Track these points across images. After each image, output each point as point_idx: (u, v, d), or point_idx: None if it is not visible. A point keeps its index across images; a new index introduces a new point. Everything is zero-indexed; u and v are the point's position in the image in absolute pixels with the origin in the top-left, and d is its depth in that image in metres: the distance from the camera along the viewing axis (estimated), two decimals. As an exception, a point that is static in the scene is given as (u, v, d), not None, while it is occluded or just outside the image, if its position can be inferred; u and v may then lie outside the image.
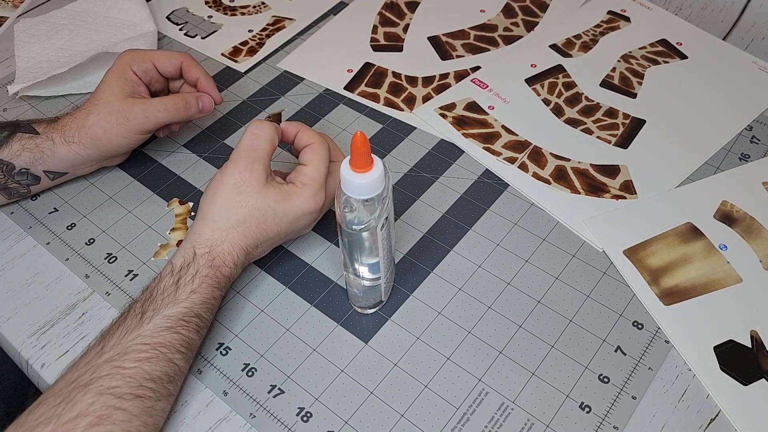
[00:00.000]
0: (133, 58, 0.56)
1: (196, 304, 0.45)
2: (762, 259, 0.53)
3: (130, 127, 0.54)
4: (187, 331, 0.44)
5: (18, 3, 0.79)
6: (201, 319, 0.46)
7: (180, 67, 0.58)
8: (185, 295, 0.45)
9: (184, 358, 0.44)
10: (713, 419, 0.46)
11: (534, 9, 0.78)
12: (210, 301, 0.46)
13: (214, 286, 0.46)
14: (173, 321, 0.44)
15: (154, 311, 0.44)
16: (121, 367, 0.41)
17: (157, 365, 0.42)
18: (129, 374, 0.41)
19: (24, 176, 0.55)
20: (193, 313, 0.45)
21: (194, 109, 0.56)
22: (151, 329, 0.43)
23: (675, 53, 0.71)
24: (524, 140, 0.63)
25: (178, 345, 0.44)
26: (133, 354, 0.42)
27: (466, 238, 0.56)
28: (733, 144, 0.62)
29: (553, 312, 0.51)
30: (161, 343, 0.43)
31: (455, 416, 0.46)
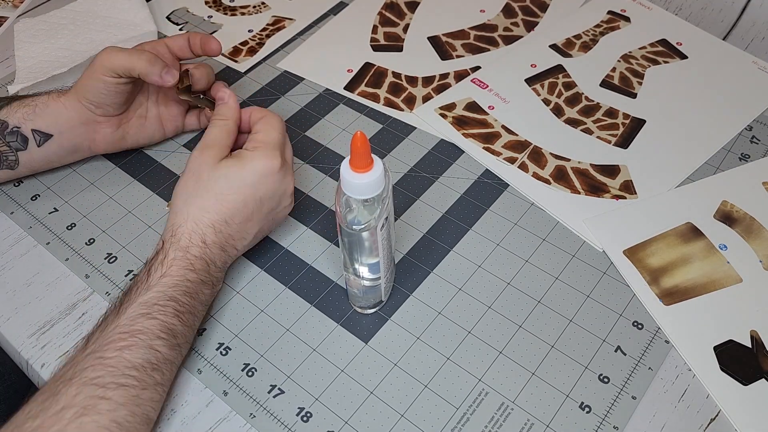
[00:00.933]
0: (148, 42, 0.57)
1: (168, 287, 0.45)
2: (762, 259, 0.53)
3: (95, 65, 0.53)
4: (164, 316, 0.44)
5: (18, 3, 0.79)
6: (178, 303, 0.45)
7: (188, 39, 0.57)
8: (155, 280, 0.45)
9: (166, 344, 0.44)
10: (713, 419, 0.46)
11: (534, 9, 0.78)
12: (184, 283, 0.46)
13: (186, 268, 0.46)
14: (148, 307, 0.44)
15: (129, 301, 0.45)
16: (103, 357, 0.41)
17: (137, 352, 0.42)
18: (110, 363, 0.41)
19: (14, 137, 0.54)
20: (167, 296, 0.45)
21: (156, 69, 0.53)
22: (128, 317, 0.43)
23: (675, 53, 0.71)
24: (524, 140, 0.63)
25: (157, 330, 0.43)
26: (112, 344, 0.42)
27: (466, 238, 0.56)
28: (733, 144, 0.62)
29: (553, 312, 0.51)
30: (139, 330, 0.43)
31: (455, 416, 0.46)
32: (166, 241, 0.47)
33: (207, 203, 0.48)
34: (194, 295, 0.47)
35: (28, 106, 0.55)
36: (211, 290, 0.49)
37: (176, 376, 0.47)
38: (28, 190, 0.60)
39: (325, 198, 0.59)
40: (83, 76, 0.54)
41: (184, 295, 0.46)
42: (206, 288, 0.48)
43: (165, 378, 0.44)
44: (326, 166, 0.62)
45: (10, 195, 0.60)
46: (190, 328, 0.47)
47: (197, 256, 0.47)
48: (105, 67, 0.53)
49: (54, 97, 0.55)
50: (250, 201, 0.49)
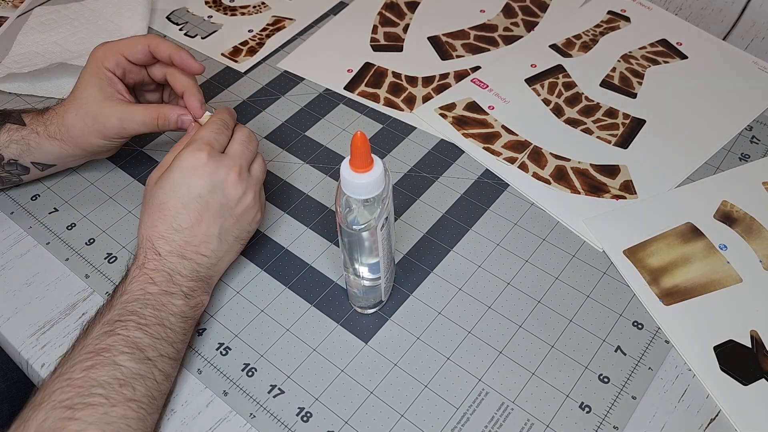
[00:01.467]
0: (103, 53, 0.54)
1: (128, 303, 0.45)
2: (762, 259, 0.53)
3: (107, 133, 0.54)
4: (125, 331, 0.43)
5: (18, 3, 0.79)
6: (139, 316, 0.44)
7: (149, 51, 0.54)
8: (116, 299, 0.46)
9: (132, 358, 0.43)
10: (713, 419, 0.46)
11: (534, 9, 0.78)
12: (144, 296, 0.45)
13: (145, 282, 0.46)
14: (110, 324, 0.44)
15: (94, 323, 0.45)
16: (70, 378, 0.41)
17: (102, 370, 0.41)
18: (77, 384, 0.41)
19: (13, 167, 0.55)
20: (127, 311, 0.45)
21: (172, 125, 0.54)
22: (92, 338, 0.43)
23: (675, 53, 0.71)
24: (524, 140, 0.63)
25: (120, 346, 0.43)
26: (79, 364, 0.42)
27: (466, 238, 0.56)
28: (733, 144, 0.62)
29: (553, 312, 0.51)
30: (103, 348, 0.42)
31: (455, 416, 0.46)
32: (130, 264, 0.48)
33: (152, 219, 0.48)
34: (159, 307, 0.46)
35: (20, 143, 0.54)
36: (184, 301, 0.47)
37: (176, 376, 0.47)
38: (28, 190, 0.60)
39: (325, 198, 0.59)
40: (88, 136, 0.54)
41: (146, 307, 0.45)
42: (176, 299, 0.46)
43: (138, 393, 0.42)
44: (326, 166, 0.62)
45: (10, 195, 0.60)
46: (163, 340, 0.45)
47: (154, 268, 0.47)
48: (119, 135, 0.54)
49: (45, 137, 0.54)
50: (189, 201, 0.48)
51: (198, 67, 0.54)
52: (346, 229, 0.43)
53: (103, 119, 0.53)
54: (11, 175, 0.56)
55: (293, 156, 0.63)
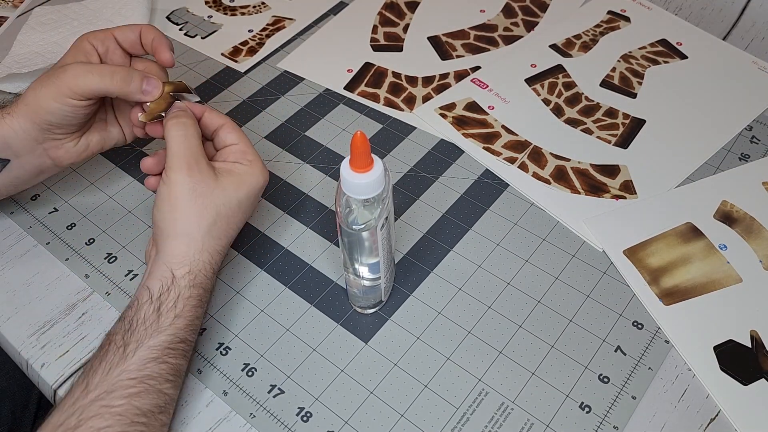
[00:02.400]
0: (92, 32, 0.52)
1: (180, 329, 0.43)
2: (762, 259, 0.53)
3: (60, 86, 0.47)
4: (174, 359, 0.43)
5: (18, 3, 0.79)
6: (187, 343, 0.44)
7: (139, 35, 0.51)
8: (169, 322, 0.43)
9: (173, 386, 0.43)
10: (713, 419, 0.46)
11: (534, 9, 0.78)
12: (195, 322, 0.45)
13: (197, 306, 0.45)
14: (159, 351, 0.42)
15: (138, 342, 0.42)
16: (110, 405, 0.39)
17: (147, 398, 0.41)
18: (118, 412, 0.39)
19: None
20: (178, 339, 0.43)
21: (135, 85, 0.48)
22: (137, 362, 0.41)
23: (675, 53, 0.71)
24: (524, 140, 0.63)
25: (167, 375, 0.42)
26: (120, 390, 0.40)
27: (466, 238, 0.56)
28: (733, 144, 0.62)
29: (553, 312, 0.51)
30: (149, 375, 0.41)
31: (455, 416, 0.46)
32: (180, 278, 0.44)
33: (220, 230, 0.46)
34: (197, 330, 0.46)
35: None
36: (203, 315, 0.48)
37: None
38: (28, 190, 0.60)
39: (325, 198, 0.59)
40: (40, 96, 0.47)
41: (193, 333, 0.45)
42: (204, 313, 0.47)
43: (170, 417, 0.43)
44: (326, 166, 0.62)
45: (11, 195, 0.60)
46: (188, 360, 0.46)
47: (207, 289, 0.46)
48: (72, 91, 0.47)
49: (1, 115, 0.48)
50: (246, 217, 0.49)
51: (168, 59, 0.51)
52: (346, 229, 0.43)
53: (58, 73, 0.47)
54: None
55: (293, 156, 0.63)
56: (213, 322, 0.51)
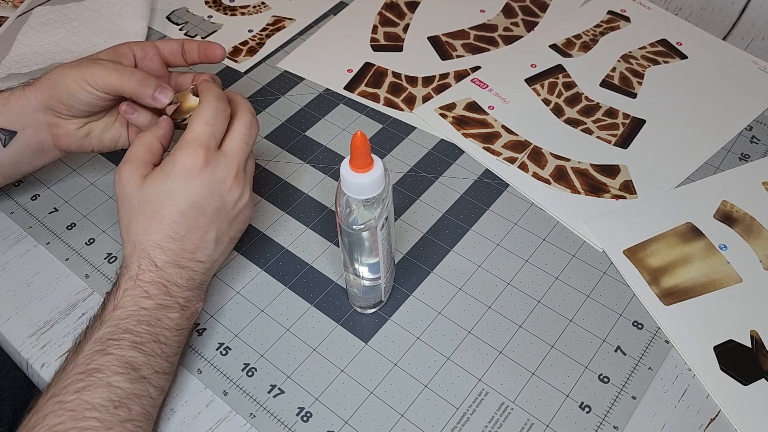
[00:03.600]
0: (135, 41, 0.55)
1: (121, 319, 0.43)
2: (762, 259, 0.53)
3: (84, 72, 0.49)
4: (119, 350, 0.42)
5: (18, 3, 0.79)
6: (133, 334, 0.43)
7: (182, 48, 0.54)
8: (108, 314, 0.43)
9: (126, 378, 0.41)
10: (713, 419, 0.46)
11: (534, 9, 0.78)
12: (138, 312, 0.43)
13: (139, 296, 0.44)
14: (102, 343, 0.42)
15: (86, 339, 0.43)
16: (62, 401, 0.39)
17: (95, 392, 0.40)
18: (70, 407, 0.39)
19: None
20: (121, 329, 0.43)
21: (149, 88, 0.50)
22: (84, 356, 0.41)
23: (675, 53, 0.71)
24: (524, 140, 0.63)
25: (114, 366, 0.41)
26: (71, 386, 0.40)
27: (466, 238, 0.56)
28: (733, 144, 0.62)
29: (553, 312, 0.51)
30: (95, 368, 0.41)
31: (455, 416, 0.46)
32: (120, 275, 0.45)
33: (145, 226, 0.45)
34: (153, 323, 0.44)
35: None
36: (179, 313, 0.45)
37: (176, 376, 0.47)
38: (28, 190, 0.60)
39: (325, 198, 0.59)
40: (65, 75, 0.50)
41: (140, 324, 0.43)
42: (171, 312, 0.45)
43: (134, 413, 0.41)
44: (326, 166, 0.62)
45: (10, 195, 0.60)
46: (158, 356, 0.44)
47: (150, 281, 0.44)
48: (94, 80, 0.49)
49: (18, 90, 0.52)
50: (185, 209, 0.45)
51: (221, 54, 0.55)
52: (346, 229, 0.43)
53: (88, 62, 0.50)
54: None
55: (293, 156, 0.63)
56: (213, 322, 0.51)
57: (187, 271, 0.46)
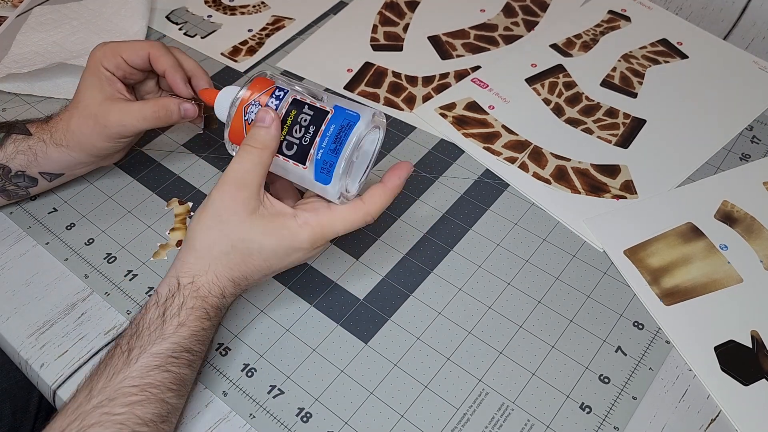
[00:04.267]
0: (102, 53, 0.53)
1: (184, 338, 0.43)
2: (763, 259, 0.53)
3: (109, 133, 0.52)
4: (177, 368, 0.42)
5: (17, 2, 0.78)
6: (192, 353, 0.43)
7: (148, 59, 0.53)
8: (172, 329, 0.43)
9: (176, 395, 0.42)
10: (714, 419, 0.46)
11: (534, 8, 0.78)
12: (199, 333, 0.44)
13: (202, 317, 0.44)
14: (162, 359, 0.42)
15: (141, 348, 0.42)
16: (111, 413, 0.39)
17: (149, 408, 0.40)
18: (119, 420, 0.39)
19: (21, 179, 0.54)
20: (182, 348, 0.43)
21: (176, 116, 0.53)
22: (140, 369, 0.41)
23: (675, 53, 0.71)
24: (524, 140, 0.63)
25: (169, 384, 0.42)
26: (122, 398, 0.40)
27: (466, 238, 0.56)
28: (733, 144, 0.62)
29: (553, 312, 0.51)
30: (151, 383, 0.41)
31: (455, 417, 0.46)
32: (184, 286, 0.44)
33: (233, 262, 0.44)
34: (205, 342, 0.45)
35: (26, 154, 0.53)
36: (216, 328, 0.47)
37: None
38: (28, 190, 0.60)
39: (325, 198, 0.59)
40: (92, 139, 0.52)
41: (198, 344, 0.44)
42: (214, 330, 0.46)
43: (172, 427, 0.43)
44: (326, 165, 0.62)
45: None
46: (195, 370, 0.45)
47: (213, 305, 0.45)
48: (121, 134, 0.52)
49: (52, 146, 0.53)
50: (275, 266, 0.46)
51: (186, 93, 0.54)
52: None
53: (103, 119, 0.52)
54: (18, 188, 0.55)
55: (293, 156, 0.62)
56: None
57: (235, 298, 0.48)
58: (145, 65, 0.54)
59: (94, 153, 0.54)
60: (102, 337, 0.50)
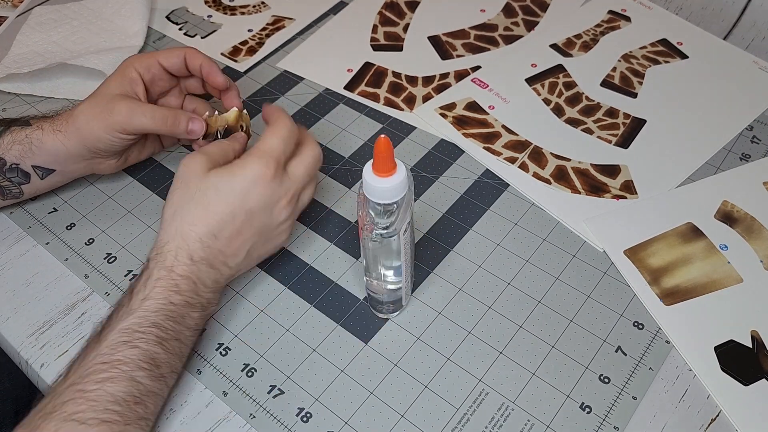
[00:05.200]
0: (137, 57, 0.55)
1: (150, 312, 0.43)
2: (762, 259, 0.53)
3: (112, 122, 0.51)
4: (146, 344, 0.42)
5: (17, 2, 0.78)
6: (161, 329, 0.42)
7: (184, 59, 0.55)
8: (138, 304, 0.43)
9: (149, 375, 0.41)
10: (714, 419, 0.46)
11: (534, 8, 0.78)
12: (167, 306, 0.43)
13: (170, 289, 0.43)
14: (128, 333, 0.42)
15: (111, 327, 0.42)
16: (83, 390, 0.39)
17: (119, 385, 0.40)
18: (91, 397, 0.39)
19: (14, 173, 0.53)
20: (148, 322, 0.42)
21: (182, 128, 0.53)
22: (108, 346, 0.41)
23: (675, 53, 0.71)
24: (524, 140, 0.63)
25: (138, 361, 0.41)
26: (93, 375, 0.40)
27: (466, 238, 0.56)
28: (733, 144, 0.62)
29: (553, 312, 0.51)
30: (120, 360, 0.41)
31: (455, 417, 0.46)
32: (152, 259, 0.45)
33: (194, 216, 0.45)
34: (179, 320, 0.44)
35: (23, 143, 0.52)
36: (200, 313, 0.46)
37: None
38: (28, 190, 0.60)
39: (325, 198, 0.59)
40: (93, 126, 0.51)
41: (168, 320, 0.43)
42: (194, 311, 0.45)
43: (148, 411, 0.42)
44: (326, 166, 0.62)
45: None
46: (176, 356, 0.44)
47: (183, 275, 0.44)
48: (123, 128, 0.51)
49: (49, 132, 0.52)
50: (239, 212, 0.46)
51: (222, 83, 0.55)
52: (370, 234, 0.43)
53: (111, 108, 0.51)
54: (12, 183, 0.54)
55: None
56: (213, 323, 0.51)
57: (215, 273, 0.46)
58: (180, 66, 0.56)
59: (89, 144, 0.52)
60: (102, 337, 0.50)
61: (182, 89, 0.59)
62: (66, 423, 0.38)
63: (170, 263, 0.44)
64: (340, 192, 0.59)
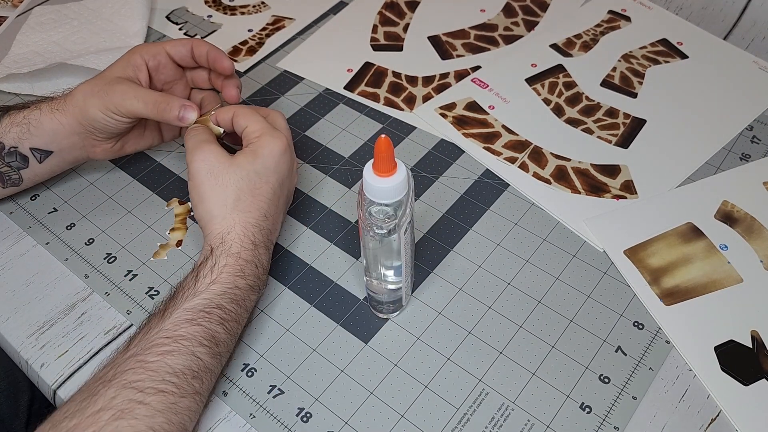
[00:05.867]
0: (144, 46, 0.56)
1: (216, 294, 0.45)
2: (763, 259, 0.53)
3: (107, 101, 0.51)
4: (209, 323, 0.44)
5: (17, 2, 0.78)
6: (224, 311, 0.45)
7: (191, 49, 0.56)
8: (204, 287, 0.45)
9: (208, 352, 0.43)
10: (714, 419, 0.46)
11: (534, 8, 0.78)
12: (233, 290, 0.46)
13: (235, 275, 0.46)
14: (193, 313, 0.44)
15: (175, 306, 0.44)
16: (144, 361, 0.41)
17: (179, 358, 0.42)
18: (151, 368, 0.41)
19: (13, 157, 0.53)
20: (214, 304, 0.44)
21: (173, 113, 0.52)
22: (172, 322, 0.43)
23: (675, 53, 0.71)
24: (524, 140, 0.63)
25: (200, 338, 0.43)
26: (155, 348, 0.42)
27: (466, 238, 0.56)
28: (733, 144, 0.62)
29: (553, 312, 0.51)
30: (182, 335, 0.42)
31: (455, 417, 0.46)
32: (216, 248, 0.47)
33: (247, 203, 0.48)
34: (241, 303, 0.46)
35: (21, 125, 0.52)
36: (257, 295, 0.48)
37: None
38: (28, 190, 0.60)
39: (325, 198, 0.59)
40: (89, 104, 0.52)
41: (231, 302, 0.45)
42: (253, 294, 0.48)
43: (204, 387, 0.43)
44: (326, 166, 0.62)
45: (10, 195, 0.60)
46: (233, 336, 0.46)
47: (248, 260, 0.47)
48: (118, 109, 0.51)
49: (46, 112, 0.53)
50: (277, 188, 0.50)
51: (228, 67, 0.55)
52: (370, 233, 0.43)
53: (108, 89, 0.52)
54: (11, 169, 0.54)
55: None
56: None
57: (268, 254, 0.49)
58: (186, 56, 0.56)
59: (85, 122, 0.52)
60: (102, 337, 0.50)
61: (189, 81, 0.59)
62: (124, 390, 0.39)
63: (236, 251, 0.47)
64: (340, 192, 0.59)
